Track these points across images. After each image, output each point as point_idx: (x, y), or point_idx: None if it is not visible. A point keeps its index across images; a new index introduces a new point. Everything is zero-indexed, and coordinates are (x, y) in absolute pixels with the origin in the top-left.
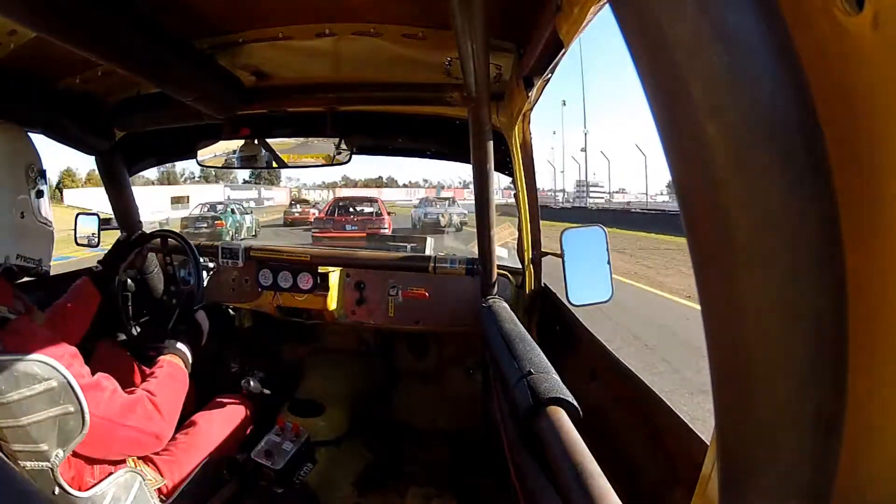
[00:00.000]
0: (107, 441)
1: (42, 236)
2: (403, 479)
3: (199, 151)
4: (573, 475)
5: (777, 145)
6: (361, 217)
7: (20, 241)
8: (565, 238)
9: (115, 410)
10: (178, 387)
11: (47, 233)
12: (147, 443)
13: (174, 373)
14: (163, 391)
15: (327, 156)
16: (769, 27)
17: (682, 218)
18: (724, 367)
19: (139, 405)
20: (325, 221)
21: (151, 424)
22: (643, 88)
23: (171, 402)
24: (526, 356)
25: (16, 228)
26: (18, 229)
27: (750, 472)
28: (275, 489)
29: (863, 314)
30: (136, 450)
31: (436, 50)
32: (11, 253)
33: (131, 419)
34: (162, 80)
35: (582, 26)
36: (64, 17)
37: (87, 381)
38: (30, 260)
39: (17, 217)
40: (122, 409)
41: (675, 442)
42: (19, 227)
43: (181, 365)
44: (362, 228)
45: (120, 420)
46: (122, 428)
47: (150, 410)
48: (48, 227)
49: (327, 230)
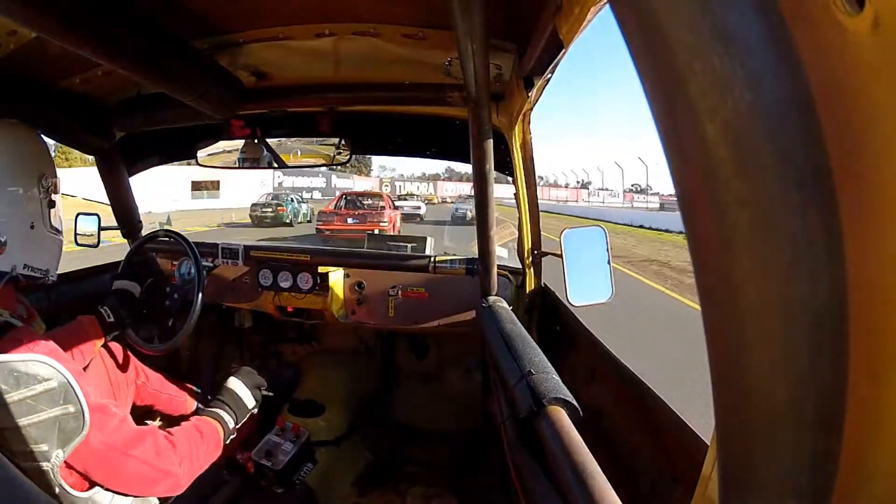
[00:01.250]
0: (111, 469)
1: (51, 247)
2: (403, 479)
3: (199, 151)
4: (573, 475)
5: (777, 145)
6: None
7: (28, 251)
8: (565, 238)
9: (122, 439)
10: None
11: (57, 242)
12: (157, 480)
13: (202, 426)
14: (182, 434)
15: (327, 156)
16: (769, 27)
17: (683, 218)
18: (724, 367)
19: (149, 439)
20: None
21: (161, 461)
22: (643, 88)
23: (190, 448)
24: (526, 356)
25: (25, 238)
26: (27, 239)
27: (750, 472)
28: (275, 489)
29: (863, 314)
30: (149, 489)
31: (436, 50)
32: (19, 262)
33: (138, 450)
34: (162, 80)
35: (582, 26)
36: (64, 18)
37: (94, 403)
38: (37, 270)
39: (27, 227)
40: (130, 438)
41: (675, 442)
42: (28, 238)
43: (217, 427)
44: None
45: (126, 449)
46: (128, 459)
47: (163, 446)
48: (58, 237)
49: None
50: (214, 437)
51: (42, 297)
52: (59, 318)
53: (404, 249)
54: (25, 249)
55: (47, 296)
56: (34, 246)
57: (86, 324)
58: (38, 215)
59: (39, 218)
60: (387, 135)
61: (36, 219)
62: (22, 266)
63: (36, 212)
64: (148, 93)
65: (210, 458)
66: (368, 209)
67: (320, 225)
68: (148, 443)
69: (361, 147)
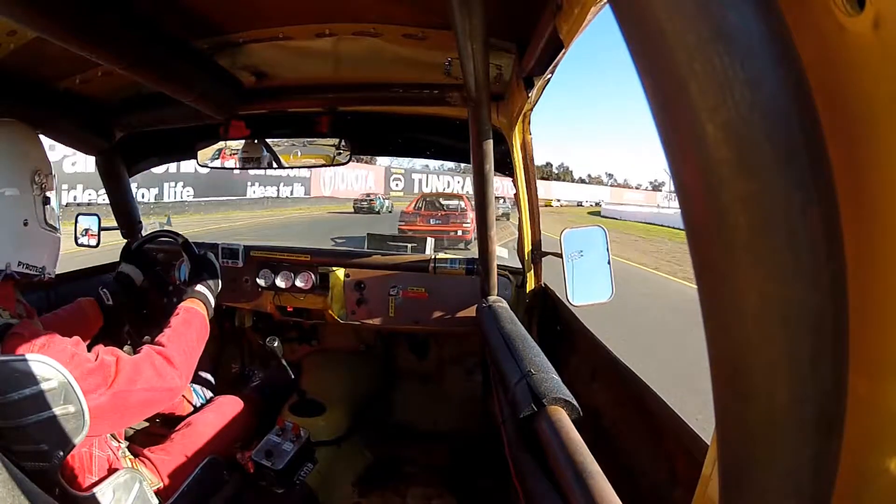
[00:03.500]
0: (121, 410)
1: (47, 244)
2: (403, 479)
3: (199, 151)
4: (573, 475)
5: (777, 145)
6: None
7: (22, 248)
8: (565, 238)
9: (124, 380)
10: (192, 334)
11: (53, 240)
12: (160, 399)
13: (190, 318)
14: (175, 341)
15: (327, 156)
16: (769, 27)
17: (683, 218)
18: (724, 367)
19: (146, 364)
20: (411, 215)
21: (162, 380)
22: (643, 88)
23: (184, 350)
24: (526, 356)
25: (18, 236)
26: (21, 237)
27: (750, 472)
28: (275, 489)
29: (863, 314)
30: (151, 409)
31: (436, 50)
32: (13, 260)
33: (140, 382)
34: (162, 80)
35: (582, 26)
36: (64, 18)
37: (92, 366)
38: (32, 267)
39: (20, 225)
40: (130, 374)
41: (675, 442)
42: (22, 235)
43: (198, 309)
44: (445, 223)
45: (129, 387)
46: (133, 393)
47: (160, 364)
48: (54, 234)
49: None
50: (200, 320)
51: (41, 297)
52: None
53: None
54: (19, 247)
55: (46, 295)
56: (28, 243)
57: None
58: (31, 212)
59: (33, 215)
60: (387, 135)
61: (29, 216)
62: (16, 263)
63: (29, 209)
64: (148, 93)
65: (202, 340)
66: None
67: (402, 225)
68: (147, 369)
69: (361, 147)
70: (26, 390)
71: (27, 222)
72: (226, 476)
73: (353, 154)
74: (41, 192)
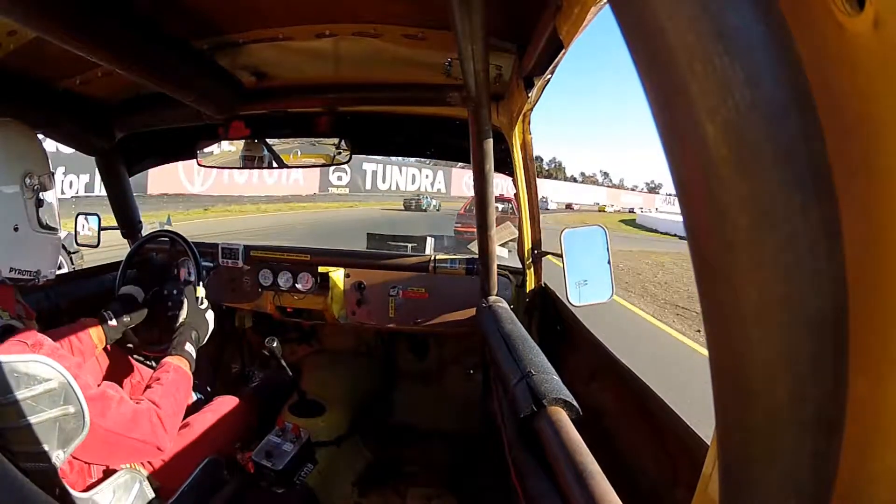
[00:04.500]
0: (111, 450)
1: (42, 247)
2: (403, 479)
3: (199, 151)
4: (573, 475)
5: (777, 145)
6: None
7: (13, 254)
8: (565, 238)
9: (122, 423)
10: (181, 397)
11: (49, 241)
12: (147, 452)
13: (179, 380)
14: (167, 402)
15: (327, 156)
16: (769, 27)
17: (683, 218)
18: (724, 367)
19: (145, 418)
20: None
21: (155, 438)
22: (643, 88)
23: (174, 413)
24: (526, 356)
25: (8, 242)
26: (11, 243)
27: (750, 472)
28: (275, 489)
29: (863, 314)
30: (136, 458)
31: (436, 50)
32: (4, 266)
33: (137, 432)
34: (162, 81)
35: (582, 26)
36: (64, 18)
37: (93, 393)
38: (25, 272)
39: (10, 230)
40: (130, 421)
41: (675, 442)
42: (12, 241)
43: (186, 369)
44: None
45: (126, 433)
46: (127, 440)
47: (156, 423)
48: (51, 236)
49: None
50: (186, 382)
51: (42, 298)
52: (59, 319)
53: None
54: (10, 253)
55: (47, 296)
56: (20, 248)
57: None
58: (22, 216)
59: (24, 218)
60: (387, 135)
61: (20, 220)
62: (8, 269)
63: (20, 212)
64: (148, 93)
65: (185, 403)
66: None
67: (459, 227)
68: (144, 423)
69: (361, 147)
70: (26, 391)
71: (17, 227)
72: (226, 476)
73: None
74: (34, 195)
